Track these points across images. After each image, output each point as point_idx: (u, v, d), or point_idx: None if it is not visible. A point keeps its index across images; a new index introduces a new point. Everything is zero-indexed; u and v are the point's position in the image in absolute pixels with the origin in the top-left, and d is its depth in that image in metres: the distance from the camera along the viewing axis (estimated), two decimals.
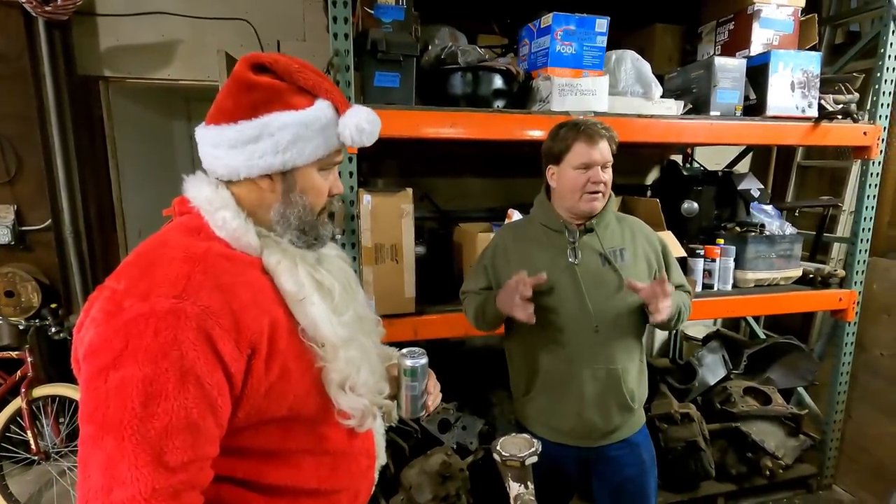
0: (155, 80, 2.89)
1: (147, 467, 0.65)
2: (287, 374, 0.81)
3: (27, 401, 2.47)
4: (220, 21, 2.86)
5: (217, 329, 0.72)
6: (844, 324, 2.59)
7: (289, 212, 0.87)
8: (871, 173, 2.44)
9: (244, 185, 0.86)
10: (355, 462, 0.96)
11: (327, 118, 0.85)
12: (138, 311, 0.70)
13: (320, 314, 0.84)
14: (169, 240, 0.81)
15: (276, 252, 0.85)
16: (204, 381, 0.70)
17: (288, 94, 0.83)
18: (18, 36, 2.63)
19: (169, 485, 0.67)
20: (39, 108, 2.71)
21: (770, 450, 2.49)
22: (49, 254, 2.83)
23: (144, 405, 0.66)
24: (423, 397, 1.03)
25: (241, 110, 0.82)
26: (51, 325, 2.65)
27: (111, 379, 0.67)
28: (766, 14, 2.29)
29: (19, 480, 2.73)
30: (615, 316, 1.50)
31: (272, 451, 0.84)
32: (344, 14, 1.75)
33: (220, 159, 0.84)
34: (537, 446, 0.93)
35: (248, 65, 0.83)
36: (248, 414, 0.78)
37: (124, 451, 0.65)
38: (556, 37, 2.00)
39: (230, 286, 0.77)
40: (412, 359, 1.00)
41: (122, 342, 0.68)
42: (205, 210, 0.84)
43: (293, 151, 0.83)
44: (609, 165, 1.47)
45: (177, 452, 0.68)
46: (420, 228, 2.31)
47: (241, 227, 0.83)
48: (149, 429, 0.66)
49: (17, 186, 2.76)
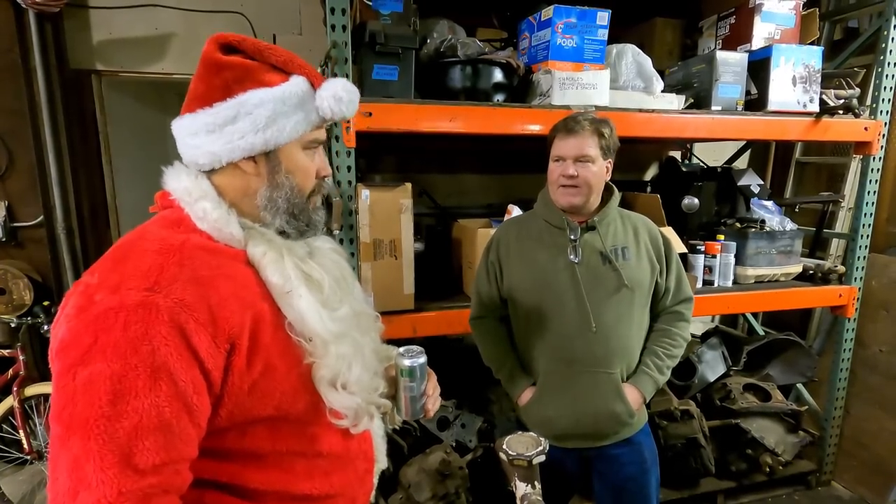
0: (148, 74, 2.84)
1: (113, 469, 0.62)
2: (272, 370, 0.77)
3: (19, 399, 2.43)
4: (215, 14, 2.82)
5: (192, 323, 0.69)
6: (844, 320, 2.58)
7: (276, 195, 0.84)
8: (872, 169, 2.43)
9: (227, 173, 0.83)
10: (351, 466, 0.92)
11: (303, 92, 0.82)
12: (108, 304, 0.67)
13: (308, 307, 0.80)
14: (147, 233, 0.78)
15: (262, 243, 0.82)
16: (178, 378, 0.67)
17: (260, 71, 0.80)
18: (8, 28, 2.58)
19: (138, 488, 0.63)
20: (30, 103, 2.66)
21: (770, 446, 2.49)
22: (41, 251, 2.78)
23: (112, 403, 0.63)
24: (422, 399, 0.99)
25: (214, 92, 0.79)
26: (43, 323, 2.61)
27: (79, 376, 0.64)
28: (768, 8, 2.28)
29: (11, 480, 2.69)
30: (615, 316, 1.48)
31: (260, 453, 0.80)
32: (342, 5, 1.72)
33: (200, 147, 0.81)
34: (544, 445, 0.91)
35: (216, 45, 0.81)
36: (232, 413, 0.75)
37: (90, 452, 0.62)
38: (556, 30, 1.97)
39: (208, 279, 0.73)
40: (410, 358, 0.96)
41: (91, 337, 0.65)
42: (184, 202, 0.81)
43: (273, 129, 0.80)
44: (587, 160, 1.42)
45: (147, 454, 0.64)
46: (418, 225, 2.29)
47: (223, 217, 0.80)
48: (117, 429, 0.63)
49: (8, 182, 2.71)
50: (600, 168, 1.45)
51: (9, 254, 2.75)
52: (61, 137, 2.74)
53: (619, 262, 1.48)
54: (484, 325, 1.67)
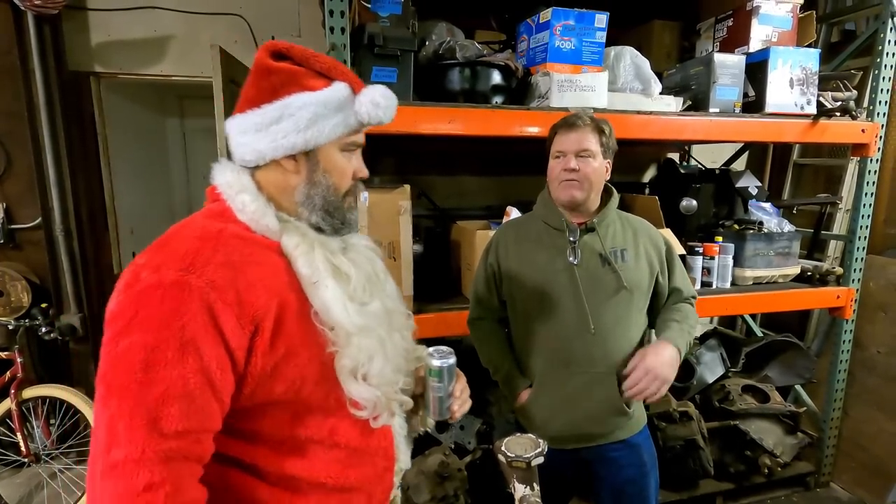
0: (147, 76, 2.84)
1: (141, 430, 0.68)
2: (294, 355, 0.81)
3: (17, 402, 2.43)
4: (214, 16, 2.82)
5: (219, 303, 0.74)
6: (842, 321, 2.59)
7: (313, 192, 0.89)
8: (869, 171, 2.44)
9: (270, 169, 0.89)
10: (370, 462, 0.94)
11: (344, 97, 0.88)
12: (149, 282, 0.74)
13: (333, 298, 0.84)
14: (192, 222, 0.85)
15: (296, 236, 0.86)
16: (203, 353, 0.72)
17: (305, 77, 0.86)
18: (7, 30, 2.58)
19: (160, 449, 0.69)
20: (29, 105, 2.66)
21: (768, 448, 2.49)
22: (39, 253, 2.78)
23: (145, 370, 0.70)
24: (449, 399, 0.99)
25: (262, 94, 0.86)
26: (41, 325, 2.61)
27: (121, 344, 0.71)
28: (765, 10, 2.28)
29: (9, 483, 2.68)
30: (613, 318, 1.48)
31: (281, 438, 0.84)
32: (340, 7, 1.72)
33: (248, 145, 0.88)
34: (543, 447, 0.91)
35: (267, 52, 0.88)
36: (254, 392, 0.79)
37: (123, 413, 0.69)
38: (555, 32, 1.98)
39: (239, 264, 0.79)
40: (439, 358, 0.96)
41: (133, 310, 0.72)
42: (226, 194, 0.87)
43: (314, 129, 0.86)
44: (588, 155, 1.43)
45: (172, 420, 0.70)
46: (417, 226, 2.29)
47: (260, 209, 0.85)
48: (147, 394, 0.69)
49: (7, 184, 2.71)
50: (601, 165, 1.46)
51: (7, 256, 2.75)
52: (60, 139, 2.73)
53: (618, 264, 1.48)
54: (482, 327, 1.67)
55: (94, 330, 2.94)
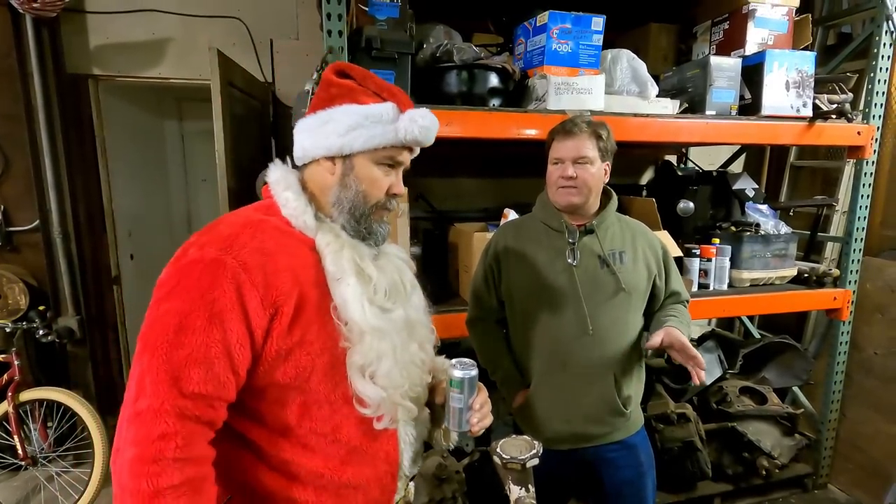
0: (145, 79, 2.85)
1: (164, 385, 0.77)
2: (308, 343, 0.87)
3: (14, 405, 2.42)
4: (212, 19, 2.83)
5: (248, 284, 0.82)
6: (839, 323, 2.59)
7: (343, 195, 0.95)
8: (865, 173, 2.46)
9: (313, 168, 0.98)
10: (371, 463, 0.96)
11: (388, 115, 0.95)
12: (193, 257, 0.83)
13: (352, 295, 0.90)
14: (241, 212, 0.95)
15: (329, 235, 0.93)
16: (228, 328, 0.80)
17: (359, 93, 0.95)
18: (5, 33, 2.59)
19: (178, 405, 0.77)
20: (27, 107, 2.67)
21: (766, 449, 2.49)
22: (37, 255, 2.78)
23: (177, 333, 0.78)
24: (468, 412, 0.99)
25: (321, 102, 0.96)
26: (38, 328, 2.61)
27: (161, 307, 0.81)
28: (761, 14, 2.30)
29: (5, 486, 2.68)
30: (611, 320, 1.48)
31: (287, 423, 0.89)
32: (338, 11, 1.73)
33: (298, 143, 0.98)
34: (538, 448, 0.92)
35: (333, 70, 0.99)
36: (267, 371, 0.86)
37: (152, 368, 0.77)
38: (551, 35, 1.99)
39: (271, 251, 0.86)
40: (461, 370, 0.97)
41: (176, 280, 0.82)
42: (274, 191, 0.96)
43: (350, 136, 0.93)
44: (585, 161, 1.44)
45: (191, 382, 0.78)
46: (415, 229, 2.30)
47: (301, 206, 0.93)
48: (174, 355, 0.77)
49: (4, 186, 2.71)
50: (598, 169, 1.47)
51: (4, 258, 2.75)
52: (58, 142, 2.74)
53: (617, 266, 1.49)
54: (481, 328, 1.67)
55: (91, 332, 2.94)
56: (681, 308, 1.59)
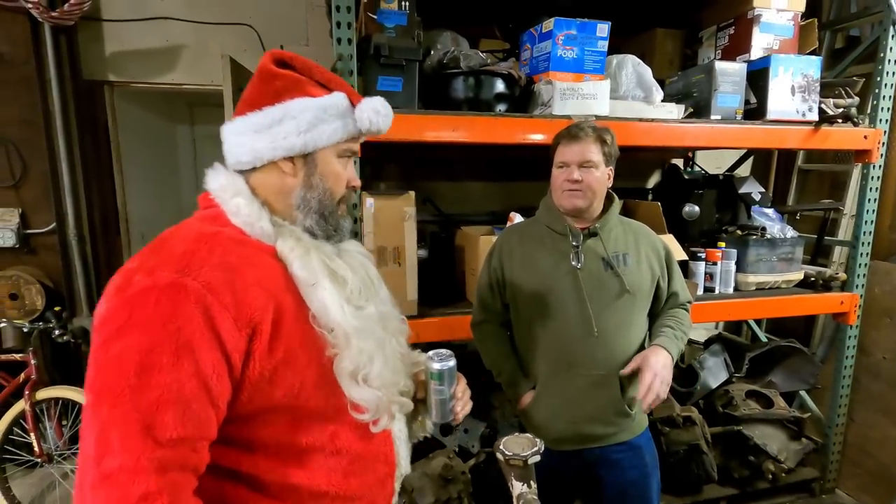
0: (159, 85, 2.91)
1: (136, 438, 0.66)
2: (293, 359, 0.80)
3: (30, 403, 2.47)
4: (224, 26, 2.89)
5: (216, 305, 0.73)
6: (846, 327, 2.59)
7: (309, 195, 0.90)
8: (872, 177, 2.45)
9: (266, 172, 0.90)
10: (371, 468, 0.93)
11: (343, 106, 0.90)
12: (143, 285, 0.72)
13: (331, 299, 0.84)
14: (185, 226, 0.85)
15: (290, 239, 0.87)
16: (199, 358, 0.70)
17: (307, 85, 0.89)
18: (24, 41, 2.66)
19: (156, 458, 0.66)
20: (45, 113, 2.73)
21: (772, 453, 2.48)
22: (53, 257, 2.85)
23: (139, 375, 0.67)
24: (451, 402, 1.00)
25: (265, 97, 0.87)
26: (54, 328, 2.66)
27: (112, 349, 0.69)
28: (767, 19, 2.31)
29: (22, 483, 2.73)
30: (616, 321, 1.50)
31: (281, 445, 0.83)
32: (347, 19, 1.77)
33: (244, 146, 0.88)
34: (540, 445, 0.94)
35: (272, 59, 0.90)
36: (252, 398, 0.77)
37: (115, 420, 0.66)
38: (557, 41, 2.01)
39: (235, 266, 0.78)
40: (439, 361, 0.97)
41: (126, 314, 0.70)
42: (220, 199, 0.87)
43: (314, 133, 0.87)
44: (590, 165, 1.46)
45: (167, 427, 0.68)
46: (422, 232, 2.32)
47: (255, 213, 0.85)
48: (140, 400, 0.67)
49: (22, 190, 2.78)
50: (603, 174, 1.49)
51: (21, 260, 2.81)
52: (74, 147, 2.80)
53: (621, 268, 1.51)
54: (486, 330, 1.70)
55: None
56: (681, 313, 1.61)
